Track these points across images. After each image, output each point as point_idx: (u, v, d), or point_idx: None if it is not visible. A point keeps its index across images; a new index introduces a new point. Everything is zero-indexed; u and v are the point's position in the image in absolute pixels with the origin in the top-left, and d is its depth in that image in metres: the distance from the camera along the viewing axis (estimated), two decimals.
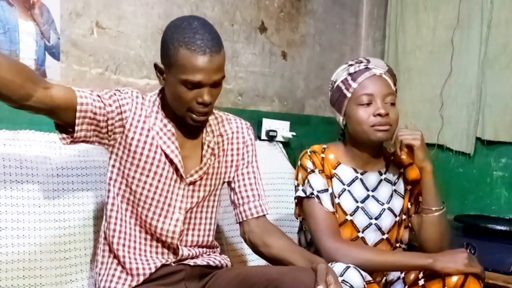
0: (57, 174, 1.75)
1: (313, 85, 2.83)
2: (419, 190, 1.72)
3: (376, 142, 1.65)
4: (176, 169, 1.56)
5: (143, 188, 1.55)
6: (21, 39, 1.82)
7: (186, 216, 1.60)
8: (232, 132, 1.67)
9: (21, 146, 1.74)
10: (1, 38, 1.79)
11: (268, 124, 2.56)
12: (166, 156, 1.54)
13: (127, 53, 2.10)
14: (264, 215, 1.66)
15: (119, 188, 1.57)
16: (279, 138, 2.58)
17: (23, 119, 1.83)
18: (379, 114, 1.60)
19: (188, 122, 1.52)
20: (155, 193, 1.56)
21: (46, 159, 1.76)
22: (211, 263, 1.62)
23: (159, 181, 1.55)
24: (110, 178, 1.58)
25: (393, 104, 1.63)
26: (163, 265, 1.57)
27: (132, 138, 1.53)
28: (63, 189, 1.74)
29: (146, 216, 1.56)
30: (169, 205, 1.57)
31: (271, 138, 2.55)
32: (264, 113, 2.58)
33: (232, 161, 1.67)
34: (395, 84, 1.68)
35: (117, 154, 1.56)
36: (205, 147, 1.60)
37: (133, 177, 1.55)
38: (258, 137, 2.54)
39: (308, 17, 2.77)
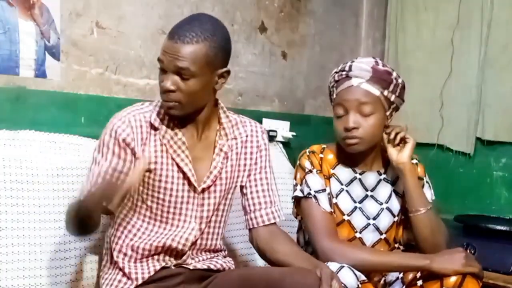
0: (57, 174, 1.75)
1: (313, 85, 2.83)
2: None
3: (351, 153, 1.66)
4: (188, 179, 1.54)
5: (157, 203, 1.55)
6: (21, 39, 1.82)
7: (201, 226, 1.59)
8: (247, 136, 1.65)
9: (21, 146, 1.74)
10: (1, 38, 1.79)
11: (268, 124, 2.56)
12: (178, 166, 1.53)
13: (127, 53, 2.10)
14: (275, 223, 1.64)
15: (136, 205, 1.56)
16: (279, 138, 2.58)
17: (23, 119, 1.84)
18: (345, 128, 1.60)
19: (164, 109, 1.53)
20: (169, 206, 1.55)
21: (46, 159, 1.76)
22: (212, 266, 1.61)
23: (172, 193, 1.54)
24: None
25: (370, 114, 1.59)
26: (162, 268, 1.56)
27: (148, 157, 1.51)
28: (63, 189, 1.74)
29: (164, 228, 1.56)
30: (185, 215, 1.57)
31: (271, 138, 2.54)
32: (264, 113, 2.58)
33: (245, 165, 1.65)
34: (385, 87, 1.61)
35: None
36: (217, 150, 1.59)
37: (147, 194, 1.54)
38: None
39: (308, 17, 2.77)
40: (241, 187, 1.66)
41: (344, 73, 1.63)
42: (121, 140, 1.49)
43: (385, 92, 1.61)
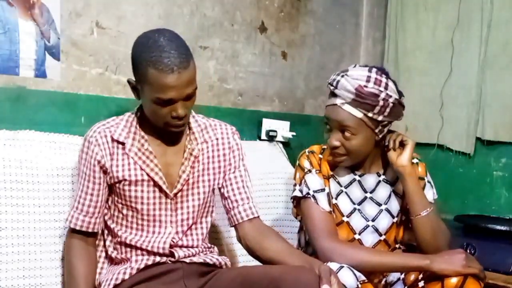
0: (57, 174, 1.75)
1: (313, 85, 2.83)
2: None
3: None
4: (159, 186, 1.58)
5: (132, 211, 1.59)
6: (21, 39, 1.82)
7: (178, 230, 1.62)
8: (217, 139, 1.69)
9: (21, 146, 1.74)
10: (1, 38, 1.79)
11: (268, 124, 2.56)
12: (148, 175, 1.57)
13: (127, 53, 2.07)
14: (257, 217, 1.67)
15: (113, 215, 1.62)
16: (279, 138, 2.58)
17: (23, 119, 1.84)
18: (328, 145, 1.63)
19: (168, 131, 1.56)
20: (143, 214, 1.59)
21: (46, 159, 1.76)
22: (208, 260, 1.63)
23: (143, 201, 1.58)
24: (108, 202, 1.63)
25: (352, 135, 1.58)
26: (159, 263, 1.58)
27: (117, 171, 1.57)
28: (63, 189, 1.75)
29: (141, 235, 1.60)
30: (160, 221, 1.60)
31: (271, 138, 2.55)
32: (264, 113, 2.58)
33: (219, 167, 1.68)
34: (369, 110, 1.56)
35: (109, 186, 1.61)
36: (186, 154, 1.61)
37: (121, 203, 1.59)
38: (258, 137, 2.54)
39: (308, 17, 2.77)
40: (219, 188, 1.70)
41: (332, 87, 1.61)
42: (93, 163, 1.57)
43: (370, 114, 1.57)
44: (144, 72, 1.45)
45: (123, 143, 1.57)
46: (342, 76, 1.59)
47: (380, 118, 1.58)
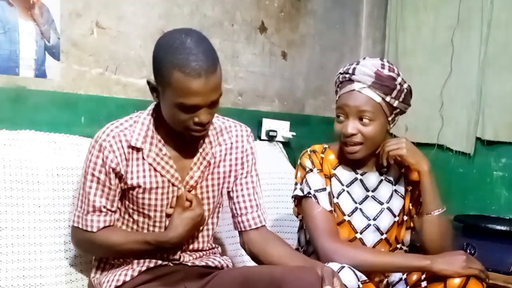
0: (57, 174, 1.75)
1: (313, 85, 2.83)
2: (420, 191, 1.72)
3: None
4: (178, 190, 1.55)
5: (143, 216, 1.56)
6: (21, 39, 1.82)
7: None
8: (231, 142, 1.64)
9: (21, 146, 1.74)
10: (1, 38, 1.79)
11: (268, 124, 2.56)
12: (169, 181, 1.53)
13: (127, 53, 2.10)
14: (264, 226, 1.65)
15: (123, 217, 1.59)
16: (279, 138, 2.58)
17: (23, 119, 1.84)
18: (344, 134, 1.60)
19: (186, 136, 1.50)
20: (155, 221, 1.56)
21: (46, 159, 1.76)
22: (210, 263, 1.63)
23: (157, 209, 1.55)
24: (118, 204, 1.58)
25: (370, 121, 1.58)
26: (161, 265, 1.57)
27: (131, 179, 1.51)
28: (63, 189, 1.75)
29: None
30: None
31: (271, 138, 2.55)
32: (264, 113, 2.58)
33: (230, 171, 1.64)
34: (388, 93, 1.58)
35: (121, 191, 1.55)
36: (200, 158, 1.57)
37: (133, 208, 1.56)
38: (258, 137, 2.54)
39: (308, 17, 2.77)
40: (228, 191, 1.66)
41: (347, 75, 1.62)
42: (108, 170, 1.50)
43: (387, 98, 1.59)
44: (168, 74, 1.37)
45: (139, 149, 1.51)
46: (357, 64, 1.62)
47: (395, 103, 1.60)
